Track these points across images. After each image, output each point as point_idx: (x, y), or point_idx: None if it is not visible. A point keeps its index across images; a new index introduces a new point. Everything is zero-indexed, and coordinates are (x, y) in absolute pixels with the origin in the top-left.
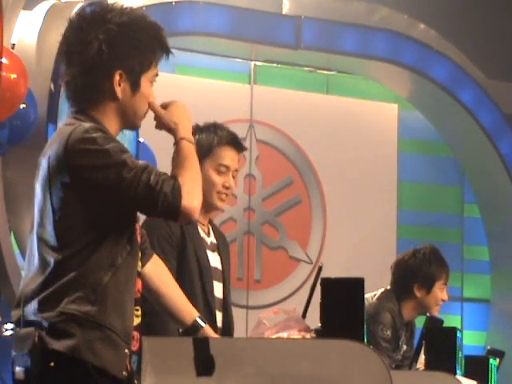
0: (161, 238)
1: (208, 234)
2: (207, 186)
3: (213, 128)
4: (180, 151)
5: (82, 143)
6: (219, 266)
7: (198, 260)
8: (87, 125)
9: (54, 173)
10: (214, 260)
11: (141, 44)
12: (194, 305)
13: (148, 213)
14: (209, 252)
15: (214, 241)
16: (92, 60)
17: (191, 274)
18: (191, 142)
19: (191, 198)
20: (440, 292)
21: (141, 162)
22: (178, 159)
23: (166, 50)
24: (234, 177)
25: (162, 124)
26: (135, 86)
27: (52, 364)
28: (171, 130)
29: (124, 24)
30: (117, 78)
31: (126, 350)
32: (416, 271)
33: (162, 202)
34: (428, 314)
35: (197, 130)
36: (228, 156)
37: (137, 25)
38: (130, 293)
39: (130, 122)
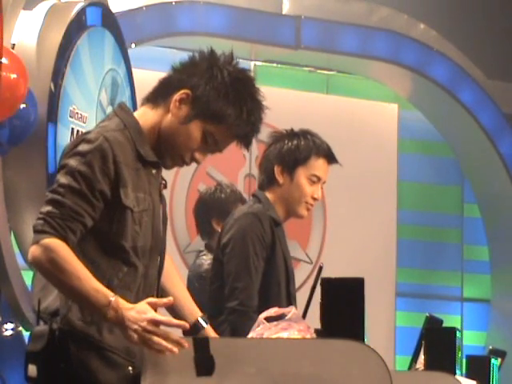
0: (255, 238)
1: None
2: (298, 195)
3: (310, 136)
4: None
5: (82, 141)
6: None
7: (285, 263)
8: (105, 131)
9: None
10: None
11: (225, 96)
12: (279, 307)
13: None
14: None
15: None
16: (181, 65)
17: (278, 276)
18: (114, 312)
19: (42, 254)
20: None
21: (72, 201)
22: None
23: (244, 134)
24: (321, 188)
25: None
26: (188, 117)
27: (62, 365)
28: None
29: (232, 75)
30: (180, 93)
31: (130, 368)
32: None
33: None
34: (428, 314)
35: (294, 135)
36: (322, 167)
37: (242, 87)
38: None
39: (164, 144)
